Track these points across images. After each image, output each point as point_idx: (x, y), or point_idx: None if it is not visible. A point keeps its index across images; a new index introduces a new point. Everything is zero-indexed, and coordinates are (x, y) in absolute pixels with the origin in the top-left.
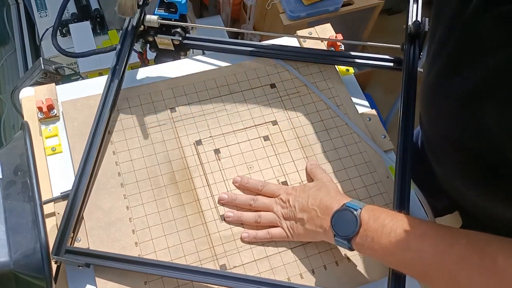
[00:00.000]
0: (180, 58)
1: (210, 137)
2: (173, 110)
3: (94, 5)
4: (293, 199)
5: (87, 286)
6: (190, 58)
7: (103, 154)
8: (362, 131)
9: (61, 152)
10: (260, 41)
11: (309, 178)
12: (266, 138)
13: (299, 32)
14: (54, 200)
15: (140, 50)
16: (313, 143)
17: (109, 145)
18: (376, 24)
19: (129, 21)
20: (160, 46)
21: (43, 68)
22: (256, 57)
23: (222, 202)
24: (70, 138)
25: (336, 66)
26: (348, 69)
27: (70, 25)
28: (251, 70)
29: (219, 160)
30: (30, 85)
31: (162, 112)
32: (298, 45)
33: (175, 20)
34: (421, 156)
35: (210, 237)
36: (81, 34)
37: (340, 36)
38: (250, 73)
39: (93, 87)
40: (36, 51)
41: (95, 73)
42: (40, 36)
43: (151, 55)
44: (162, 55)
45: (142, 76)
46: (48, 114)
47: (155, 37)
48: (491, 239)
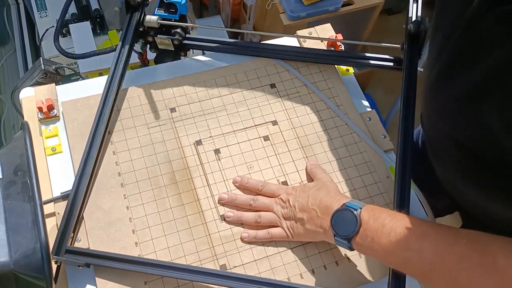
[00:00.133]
0: (180, 58)
1: (210, 137)
2: (173, 110)
3: (94, 5)
4: (293, 199)
5: (87, 286)
6: (190, 58)
7: (103, 154)
8: (362, 131)
9: (61, 152)
10: (260, 41)
11: (309, 178)
12: (266, 138)
13: (299, 32)
14: (54, 200)
15: (140, 51)
16: (313, 143)
17: (109, 145)
18: (376, 24)
19: (129, 21)
20: (160, 47)
21: (43, 68)
22: (256, 57)
23: (222, 202)
24: (70, 138)
25: (336, 66)
26: (348, 69)
27: (70, 25)
28: (251, 70)
29: (219, 160)
30: (30, 85)
31: (162, 112)
32: (298, 45)
33: (175, 21)
34: (421, 156)
35: (210, 237)
36: (81, 34)
37: (340, 36)
38: (250, 73)
39: (93, 87)
40: (36, 51)
41: (95, 73)
42: (40, 36)
43: (151, 55)
44: (162, 56)
45: (142, 76)
46: (48, 114)
47: (155, 38)
48: (491, 239)
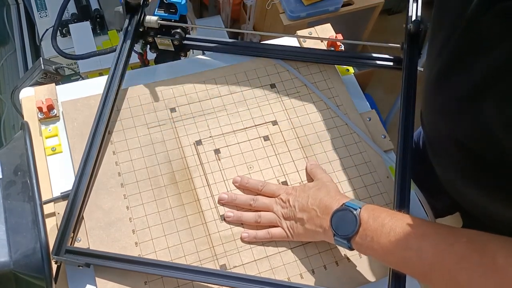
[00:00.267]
0: (180, 59)
1: (210, 137)
2: (173, 110)
3: (94, 5)
4: (293, 199)
5: (87, 286)
6: (190, 58)
7: (103, 154)
8: (362, 131)
9: (61, 152)
10: (260, 41)
11: (309, 178)
12: (266, 138)
13: (299, 32)
14: (54, 200)
15: (140, 51)
16: (313, 143)
17: (109, 145)
18: (376, 24)
19: (129, 21)
20: (160, 47)
21: (43, 68)
22: (256, 57)
23: (222, 202)
24: (70, 138)
25: (336, 66)
26: (348, 69)
27: (70, 25)
28: (251, 70)
29: (219, 160)
30: (30, 85)
31: (162, 112)
32: (298, 45)
33: (175, 21)
34: (421, 156)
35: (210, 237)
36: (81, 35)
37: (340, 36)
38: (250, 73)
39: (93, 87)
40: (36, 51)
41: (95, 73)
42: (40, 36)
43: (151, 55)
44: (162, 56)
45: (142, 76)
46: (48, 114)
47: (155, 38)
48: (491, 238)
